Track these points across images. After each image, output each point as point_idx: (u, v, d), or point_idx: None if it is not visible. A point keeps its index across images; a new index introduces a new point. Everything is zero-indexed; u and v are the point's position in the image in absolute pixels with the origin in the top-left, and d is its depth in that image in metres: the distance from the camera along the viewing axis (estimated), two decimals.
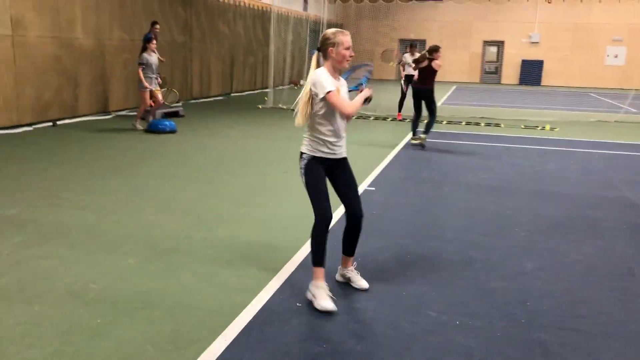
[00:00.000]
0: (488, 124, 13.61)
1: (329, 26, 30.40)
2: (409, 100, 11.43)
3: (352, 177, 4.05)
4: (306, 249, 4.71)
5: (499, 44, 31.84)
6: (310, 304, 3.74)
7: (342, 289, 4.05)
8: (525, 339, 3.41)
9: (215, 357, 3.08)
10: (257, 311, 3.64)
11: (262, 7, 21.75)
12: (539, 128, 13.19)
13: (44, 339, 3.23)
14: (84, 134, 10.36)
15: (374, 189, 6.98)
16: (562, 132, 12.66)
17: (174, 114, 12.97)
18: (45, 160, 8.07)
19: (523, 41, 31.22)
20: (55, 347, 3.15)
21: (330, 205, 3.83)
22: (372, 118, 14.26)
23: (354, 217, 3.96)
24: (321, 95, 3.73)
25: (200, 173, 7.58)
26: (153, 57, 10.93)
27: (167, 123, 10.91)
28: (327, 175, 3.95)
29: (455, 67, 32.21)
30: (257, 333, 3.37)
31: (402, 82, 13.89)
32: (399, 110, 14.18)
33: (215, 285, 4.04)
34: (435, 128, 11.04)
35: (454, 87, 27.74)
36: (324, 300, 3.66)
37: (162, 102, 11.44)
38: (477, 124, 13.65)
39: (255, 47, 21.74)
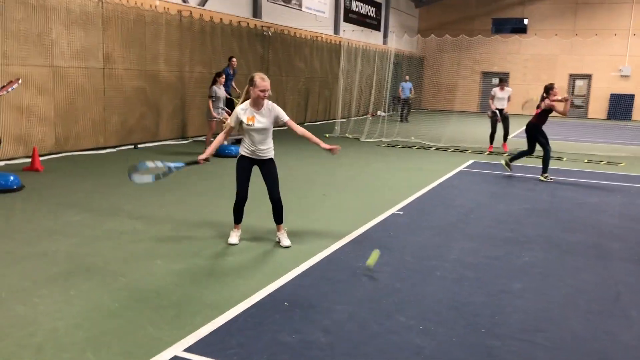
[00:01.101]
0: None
1: (410, 59, 31.05)
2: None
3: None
4: (305, 261, 5.26)
5: (587, 78, 30.94)
6: (297, 304, 4.29)
7: (327, 290, 4.55)
8: (476, 344, 3.77)
9: (199, 338, 3.70)
10: (248, 306, 4.23)
11: (339, 42, 22.70)
12: (602, 163, 12.95)
13: (71, 314, 4.00)
14: (159, 156, 11.49)
15: (401, 213, 7.40)
16: (627, 167, 12.38)
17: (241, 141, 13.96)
18: (119, 177, 9.16)
19: (612, 74, 30.17)
20: (77, 320, 3.90)
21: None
22: (433, 148, 14.57)
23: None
24: None
25: (253, 194, 8.32)
26: (221, 91, 11.97)
27: (232, 148, 11.87)
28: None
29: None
30: (241, 322, 3.96)
31: (491, 115, 13.98)
32: (490, 143, 14.21)
33: (223, 283, 4.69)
34: (493, 159, 11.22)
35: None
36: (231, 238, 5.69)
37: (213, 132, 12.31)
38: (539, 157, 13.59)
39: (331, 80, 22.65)
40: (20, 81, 8.50)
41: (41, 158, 10.10)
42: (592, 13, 30.23)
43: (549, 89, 10.15)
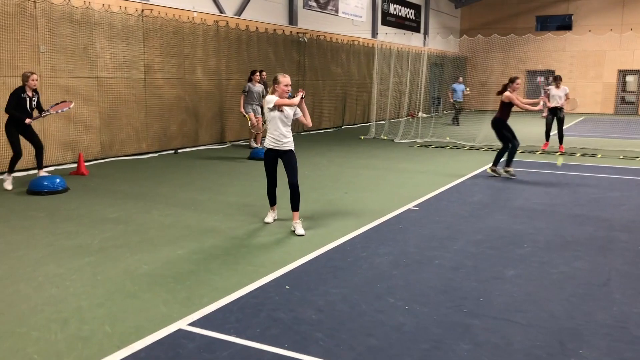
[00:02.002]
0: (584, 155, 13.44)
1: (454, 59, 30.98)
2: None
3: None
4: (311, 253, 5.66)
5: (637, 73, 30.06)
6: (297, 288, 4.70)
7: (328, 276, 4.93)
8: (455, 322, 4.07)
9: (203, 315, 4.16)
10: (253, 289, 4.67)
11: (382, 46, 22.98)
12: (638, 159, 12.79)
13: (95, 295, 4.54)
14: (197, 160, 12.15)
15: (417, 208, 7.70)
16: None
17: None
18: (156, 179, 9.81)
19: None
20: (100, 300, 4.43)
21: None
22: (467, 148, 14.68)
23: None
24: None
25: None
26: (256, 87, 12.63)
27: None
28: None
29: (588, 99, 30.89)
30: (243, 302, 4.40)
31: (546, 114, 13.86)
32: (546, 140, 14.24)
33: (233, 270, 5.14)
34: (528, 158, 11.29)
35: (580, 119, 26.73)
36: (266, 218, 6.81)
37: (261, 129, 12.97)
38: (573, 154, 13.53)
39: (369, 84, 22.95)
40: (72, 105, 9.25)
41: (87, 163, 10.90)
42: None
43: (511, 81, 10.01)
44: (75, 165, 10.38)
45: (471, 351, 3.64)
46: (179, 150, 13.51)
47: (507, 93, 10.00)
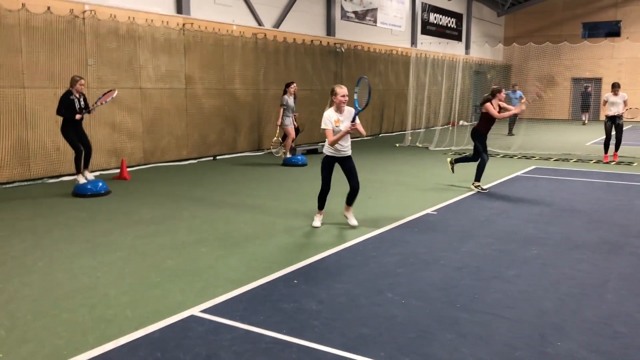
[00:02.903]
0: (620, 163, 13.29)
1: (496, 67, 30.78)
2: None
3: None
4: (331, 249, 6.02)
5: None
6: (305, 282, 5.07)
7: (335, 273, 5.27)
8: (446, 316, 4.35)
9: (214, 304, 4.57)
10: (264, 282, 5.06)
11: (419, 55, 23.18)
12: None
13: (122, 285, 5.03)
14: (232, 166, 12.70)
15: (435, 213, 7.94)
16: None
17: (314, 151, 14.97)
18: (191, 183, 10.38)
19: None
20: (125, 289, 4.92)
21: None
22: (500, 155, 14.72)
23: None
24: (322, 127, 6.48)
25: (299, 195, 9.18)
26: (291, 100, 12.97)
27: (299, 157, 12.86)
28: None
29: (637, 106, 30.12)
30: (252, 294, 4.79)
31: (606, 122, 13.51)
32: (605, 152, 13.74)
33: (249, 266, 5.55)
34: (560, 165, 11.30)
35: (629, 127, 26.11)
36: (314, 222, 7.09)
37: (293, 137, 13.31)
38: (598, 162, 13.42)
39: (407, 92, 23.16)
40: (115, 93, 9.89)
41: (130, 169, 11.58)
42: None
43: (494, 93, 9.49)
44: (118, 170, 11.07)
45: (453, 340, 3.92)
46: (218, 157, 14.11)
47: (487, 104, 9.45)
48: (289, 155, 13.03)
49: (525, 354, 3.72)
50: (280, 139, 13.51)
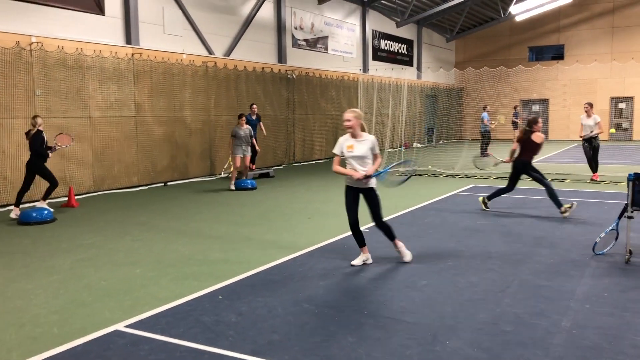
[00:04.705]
0: (553, 180, 14.03)
1: (448, 91, 31.86)
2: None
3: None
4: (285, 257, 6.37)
5: (628, 100, 30.68)
6: (225, 300, 5.41)
7: (260, 288, 5.62)
8: (352, 321, 4.74)
9: (140, 319, 4.87)
10: (190, 299, 5.38)
11: (367, 79, 23.92)
12: (603, 183, 13.37)
13: (53, 306, 5.28)
14: (182, 193, 12.97)
15: (367, 230, 8.37)
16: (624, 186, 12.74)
17: (266, 175, 15.36)
18: (138, 209, 10.62)
19: None
20: (56, 309, 5.17)
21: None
22: (444, 175, 15.33)
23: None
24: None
25: (243, 218, 9.53)
26: (241, 131, 13.15)
27: (248, 182, 13.21)
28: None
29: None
30: (178, 309, 5.11)
31: (583, 144, 13.87)
32: (593, 171, 14.00)
33: (180, 284, 5.86)
34: (496, 183, 11.87)
35: (573, 145, 27.30)
36: (354, 260, 6.49)
37: (248, 166, 13.70)
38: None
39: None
40: (71, 143, 10.60)
41: (79, 196, 11.76)
42: (629, 36, 30.18)
43: (532, 123, 9.56)
44: (67, 198, 11.23)
45: (354, 343, 4.30)
46: (169, 183, 14.36)
47: (537, 134, 9.40)
48: (232, 188, 13.01)
49: (416, 352, 4.13)
50: (232, 165, 13.78)
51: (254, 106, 15.45)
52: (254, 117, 15.18)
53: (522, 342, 4.28)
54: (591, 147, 13.94)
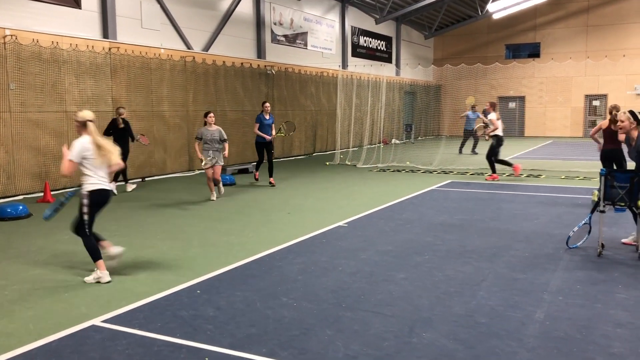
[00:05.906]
0: (529, 175, 14.25)
1: (426, 88, 32.06)
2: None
3: None
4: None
5: (602, 98, 31.22)
6: (204, 294, 5.40)
7: (238, 282, 5.63)
8: (330, 314, 4.78)
9: (117, 314, 4.85)
10: (168, 294, 5.37)
11: (346, 76, 23.96)
12: (577, 178, 13.62)
13: (29, 302, 5.23)
14: (160, 188, 12.88)
15: (346, 225, 8.43)
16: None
17: (244, 170, 15.33)
18: (118, 204, 10.52)
19: (628, 93, 30.37)
20: (29, 305, 5.12)
21: None
22: (422, 171, 15.44)
23: None
24: None
25: (221, 214, 9.51)
26: (208, 132, 11.00)
27: (227, 177, 13.17)
28: None
29: (557, 123, 32.10)
30: (155, 304, 5.09)
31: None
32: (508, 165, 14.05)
33: (156, 279, 5.84)
34: (473, 179, 12.00)
35: (549, 142, 27.70)
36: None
37: (219, 180, 11.39)
38: (520, 175, 14.35)
39: (340, 112, 23.87)
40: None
41: (56, 192, 11.61)
42: (603, 34, 30.69)
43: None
44: (42, 194, 11.08)
45: (332, 335, 4.34)
46: (147, 179, 14.24)
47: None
48: (213, 198, 11.03)
49: (392, 344, 4.19)
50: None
51: (267, 104, 12.81)
52: (267, 117, 12.74)
53: (496, 334, 4.36)
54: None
